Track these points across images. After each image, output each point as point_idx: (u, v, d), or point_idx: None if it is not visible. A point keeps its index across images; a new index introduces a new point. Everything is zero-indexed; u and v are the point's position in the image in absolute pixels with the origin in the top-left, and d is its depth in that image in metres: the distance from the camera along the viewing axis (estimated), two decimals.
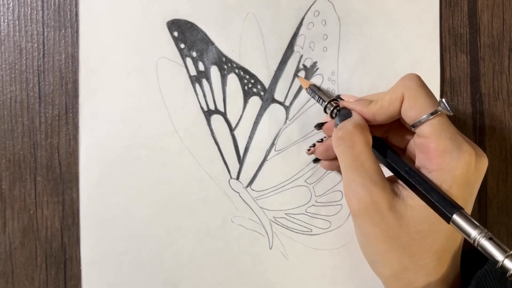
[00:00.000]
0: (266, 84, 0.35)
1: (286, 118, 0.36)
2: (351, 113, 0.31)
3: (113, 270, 0.35)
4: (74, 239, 0.35)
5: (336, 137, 0.30)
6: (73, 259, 0.36)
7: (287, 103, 0.36)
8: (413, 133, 0.30)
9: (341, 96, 0.33)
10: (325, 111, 0.33)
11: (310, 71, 0.36)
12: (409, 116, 0.29)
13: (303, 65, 0.36)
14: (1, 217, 0.35)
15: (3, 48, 0.35)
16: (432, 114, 0.28)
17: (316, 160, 0.36)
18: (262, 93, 0.36)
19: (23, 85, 0.35)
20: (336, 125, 0.31)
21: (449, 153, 0.27)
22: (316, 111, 0.36)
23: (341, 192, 0.36)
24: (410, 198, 0.28)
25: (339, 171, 0.35)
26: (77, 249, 0.35)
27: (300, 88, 0.36)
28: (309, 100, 0.36)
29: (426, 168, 0.28)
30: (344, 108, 0.31)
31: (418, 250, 0.28)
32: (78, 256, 0.35)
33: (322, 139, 0.34)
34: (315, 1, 0.35)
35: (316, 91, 0.34)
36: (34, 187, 0.35)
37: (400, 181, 0.29)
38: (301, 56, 0.35)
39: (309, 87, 0.34)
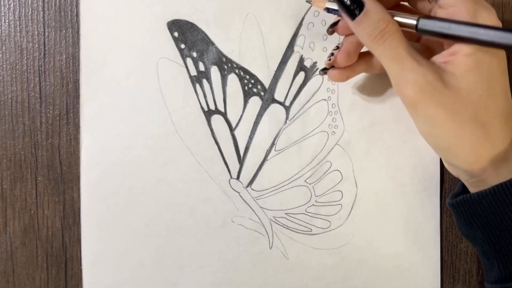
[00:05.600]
0: (266, 84, 0.36)
1: (286, 118, 0.36)
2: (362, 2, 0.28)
3: (113, 270, 0.35)
4: (75, 239, 0.36)
5: (373, 38, 0.28)
6: (74, 258, 0.36)
7: (287, 103, 0.36)
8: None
9: None
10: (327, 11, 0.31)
11: (310, 71, 0.36)
12: None
13: (303, 65, 0.36)
14: (2, 217, 0.36)
15: (4, 48, 0.35)
16: None
17: (324, 70, 0.33)
18: (262, 93, 0.36)
19: (24, 85, 0.35)
20: (353, 17, 0.28)
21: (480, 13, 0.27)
22: (316, 111, 0.36)
23: (341, 192, 0.36)
24: (457, 69, 0.27)
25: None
26: (77, 249, 0.36)
27: (300, 88, 0.36)
28: (309, 100, 0.36)
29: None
30: None
31: (486, 116, 0.27)
32: (79, 255, 0.35)
33: (337, 46, 0.32)
34: None
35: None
36: (35, 187, 0.36)
37: (440, 60, 0.28)
38: (301, 56, 0.36)
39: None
